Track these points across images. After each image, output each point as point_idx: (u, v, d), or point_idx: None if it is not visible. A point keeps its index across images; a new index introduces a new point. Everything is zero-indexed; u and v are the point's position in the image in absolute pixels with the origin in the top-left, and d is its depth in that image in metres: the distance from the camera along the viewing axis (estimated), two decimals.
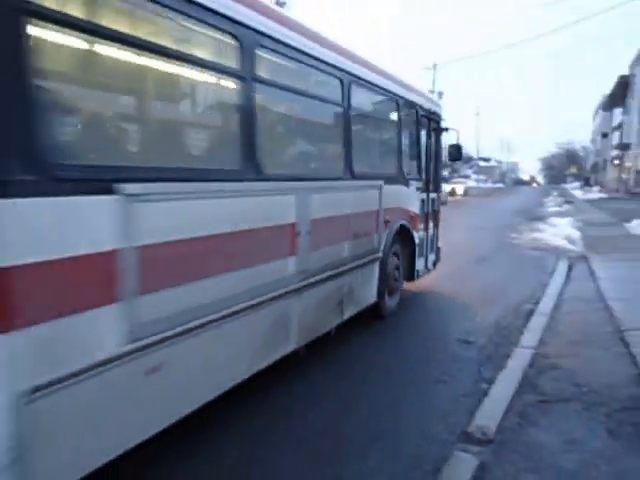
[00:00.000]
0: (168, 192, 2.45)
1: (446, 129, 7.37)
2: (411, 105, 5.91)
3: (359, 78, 4.58)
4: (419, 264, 6.33)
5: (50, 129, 1.99)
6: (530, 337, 4.89)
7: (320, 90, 4.24)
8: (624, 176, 39.26)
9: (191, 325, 2.57)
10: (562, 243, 11.71)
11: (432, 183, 6.80)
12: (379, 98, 5.29)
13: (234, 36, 2.91)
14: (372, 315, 5.34)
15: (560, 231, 13.76)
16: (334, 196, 4.17)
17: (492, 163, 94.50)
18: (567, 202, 28.55)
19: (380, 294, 5.26)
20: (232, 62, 2.95)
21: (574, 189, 55.21)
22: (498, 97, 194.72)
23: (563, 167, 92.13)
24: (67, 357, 1.99)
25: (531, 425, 3.11)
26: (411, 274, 6.13)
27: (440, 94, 59.43)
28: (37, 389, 1.86)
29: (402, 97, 5.60)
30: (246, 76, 3.01)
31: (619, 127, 43.05)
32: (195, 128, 3.36)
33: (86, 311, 2.06)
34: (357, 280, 4.66)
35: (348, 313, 4.55)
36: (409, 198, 5.87)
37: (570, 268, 8.72)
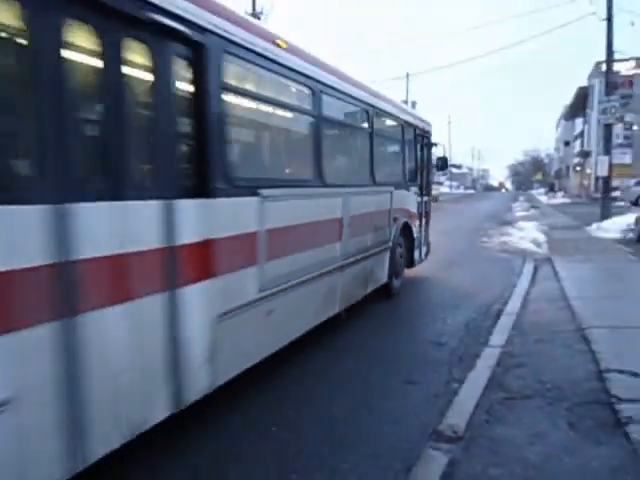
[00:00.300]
0: (281, 195, 3.75)
1: (435, 144, 8.65)
2: (411, 126, 7.28)
3: (379, 109, 5.94)
4: (416, 254, 7.63)
5: (232, 159, 3.25)
6: (498, 337, 4.99)
7: (354, 119, 5.64)
8: (585, 182, 40.36)
9: (287, 285, 3.80)
10: (529, 246, 11.96)
11: (425, 188, 8.07)
12: (391, 122, 6.68)
13: (310, 88, 4.27)
14: (383, 293, 6.48)
15: (527, 234, 14.04)
16: (363, 198, 5.44)
17: (464, 170, 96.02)
18: (533, 207, 29.16)
19: (390, 276, 6.51)
20: (309, 106, 4.33)
21: (540, 194, 56.45)
22: (469, 107, 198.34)
23: (529, 174, 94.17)
24: (235, 296, 3.19)
25: (498, 421, 3.17)
26: (410, 262, 7.47)
27: (413, 103, 60.32)
28: (224, 314, 3.03)
29: (405, 120, 7.01)
30: (317, 115, 4.40)
31: (580, 135, 44.30)
32: (292, 153, 4.75)
33: (244, 269, 3.28)
34: (375, 263, 5.94)
35: (369, 288, 5.84)
36: (410, 200, 7.23)
37: (536, 269, 8.91)
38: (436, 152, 9.29)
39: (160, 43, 2.56)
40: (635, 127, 33.79)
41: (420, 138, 7.73)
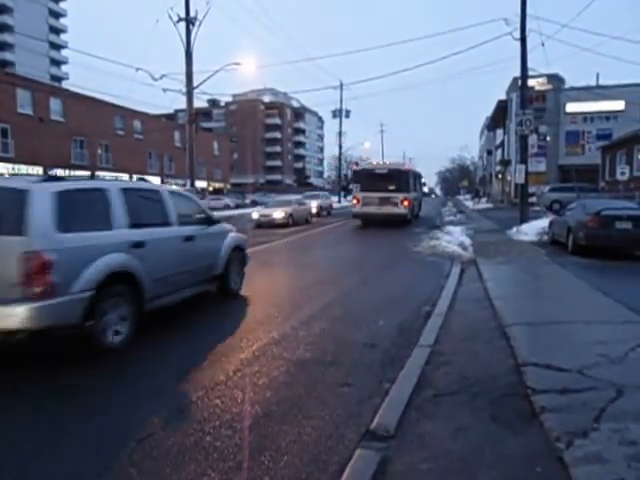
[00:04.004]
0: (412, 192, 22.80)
1: (423, 178, 38.72)
2: (418, 176, 26.95)
3: (418, 174, 27.20)
4: (420, 210, 26.51)
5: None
6: (427, 337, 5.19)
7: (413, 178, 22.69)
8: (506, 188, 43.01)
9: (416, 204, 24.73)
10: (456, 249, 12.52)
11: (420, 194, 29.58)
12: (416, 176, 25.02)
13: (413, 175, 23.71)
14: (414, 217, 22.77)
15: (454, 238, 14.72)
16: (419, 194, 26.74)
17: None
18: (460, 212, 30.68)
19: (417, 214, 24.60)
20: (412, 181, 22.46)
21: (466, 200, 59.57)
22: (402, 116, 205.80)
23: (457, 180, 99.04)
24: (414, 206, 23.12)
25: (427, 418, 3.30)
26: (418, 214, 24.93)
27: (348, 112, 61.16)
28: (411, 209, 22.30)
29: (418, 174, 27.68)
30: (416, 184, 25.55)
31: (501, 145, 47.18)
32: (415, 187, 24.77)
33: (413, 202, 22.35)
34: (416, 208, 24.29)
35: (416, 212, 24.51)
36: (421, 197, 29.02)
37: (462, 271, 9.37)
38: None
39: (417, 176, 26.09)
40: (548, 138, 36.56)
41: (419, 178, 28.38)
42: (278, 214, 21.26)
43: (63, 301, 4.26)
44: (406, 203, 19.76)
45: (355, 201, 20.49)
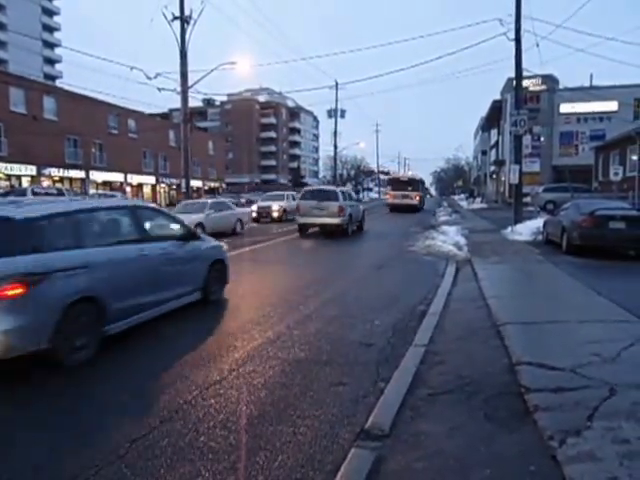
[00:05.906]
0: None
1: (425, 183, 56.32)
2: (423, 183, 42.34)
3: (422, 181, 41.11)
4: (424, 204, 36.18)
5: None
6: (422, 336, 5.21)
7: (419, 184, 35.22)
8: (501, 188, 43.16)
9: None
10: (451, 249, 12.54)
11: (424, 194, 43.85)
12: (422, 182, 41.45)
13: (421, 181, 38.40)
14: (419, 208, 32.33)
15: (449, 238, 14.73)
16: (422, 194, 36.78)
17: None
18: (455, 212, 30.75)
19: (422, 206, 34.58)
20: (421, 185, 38.15)
21: (461, 200, 59.74)
22: (397, 116, 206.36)
23: (452, 180, 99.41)
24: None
25: (421, 417, 3.31)
26: (422, 206, 33.88)
27: (343, 112, 61.35)
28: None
29: (423, 181, 42.72)
30: (423, 187, 42.80)
31: (495, 146, 47.33)
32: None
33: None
34: (423, 202, 37.23)
35: (422, 205, 34.91)
36: (425, 195, 43.93)
37: (457, 271, 9.40)
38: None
39: (423, 182, 45.04)
40: (542, 138, 36.73)
41: (424, 183, 46.25)
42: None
43: (345, 218, 16.57)
44: (418, 198, 31.32)
45: (388, 196, 32.91)
